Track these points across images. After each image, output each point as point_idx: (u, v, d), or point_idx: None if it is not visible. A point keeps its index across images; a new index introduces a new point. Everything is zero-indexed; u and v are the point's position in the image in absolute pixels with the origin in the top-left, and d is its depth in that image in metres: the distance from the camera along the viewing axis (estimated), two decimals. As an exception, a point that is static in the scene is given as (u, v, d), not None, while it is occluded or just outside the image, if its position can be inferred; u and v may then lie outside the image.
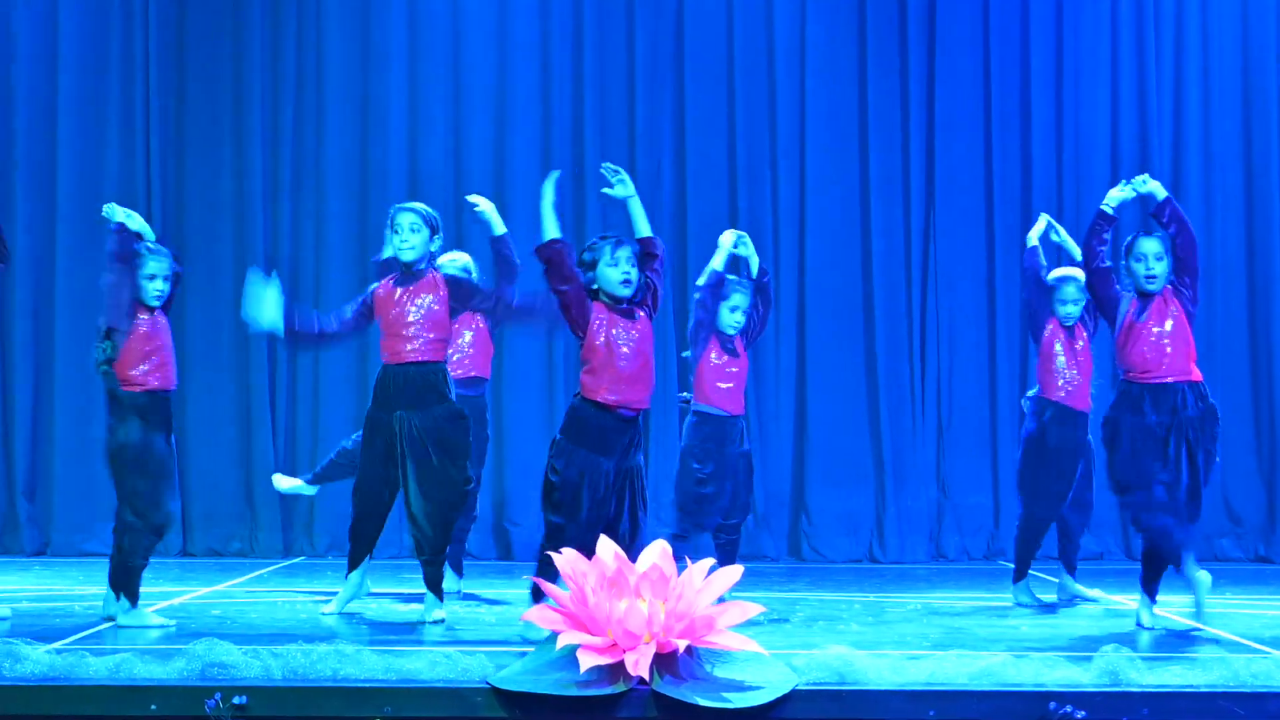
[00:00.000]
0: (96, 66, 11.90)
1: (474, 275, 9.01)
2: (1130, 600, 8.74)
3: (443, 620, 7.56)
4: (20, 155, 11.86)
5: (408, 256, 7.77)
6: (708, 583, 5.60)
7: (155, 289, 7.48)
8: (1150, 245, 7.49)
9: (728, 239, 8.46)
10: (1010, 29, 12.07)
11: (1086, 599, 8.88)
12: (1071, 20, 12.08)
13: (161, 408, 7.44)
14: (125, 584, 7.41)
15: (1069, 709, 5.41)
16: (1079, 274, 8.39)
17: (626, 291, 6.88)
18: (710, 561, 5.67)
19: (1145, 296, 7.47)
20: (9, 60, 11.90)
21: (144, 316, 7.46)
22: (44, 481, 11.73)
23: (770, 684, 5.49)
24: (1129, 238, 7.60)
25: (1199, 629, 7.43)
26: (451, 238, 11.66)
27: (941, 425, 11.91)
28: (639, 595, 5.50)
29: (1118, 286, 7.54)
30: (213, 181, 11.91)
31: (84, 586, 9.20)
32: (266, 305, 7.67)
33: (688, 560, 5.70)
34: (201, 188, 11.92)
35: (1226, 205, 12.06)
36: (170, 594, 8.92)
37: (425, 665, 5.66)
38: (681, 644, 5.47)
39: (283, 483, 9.53)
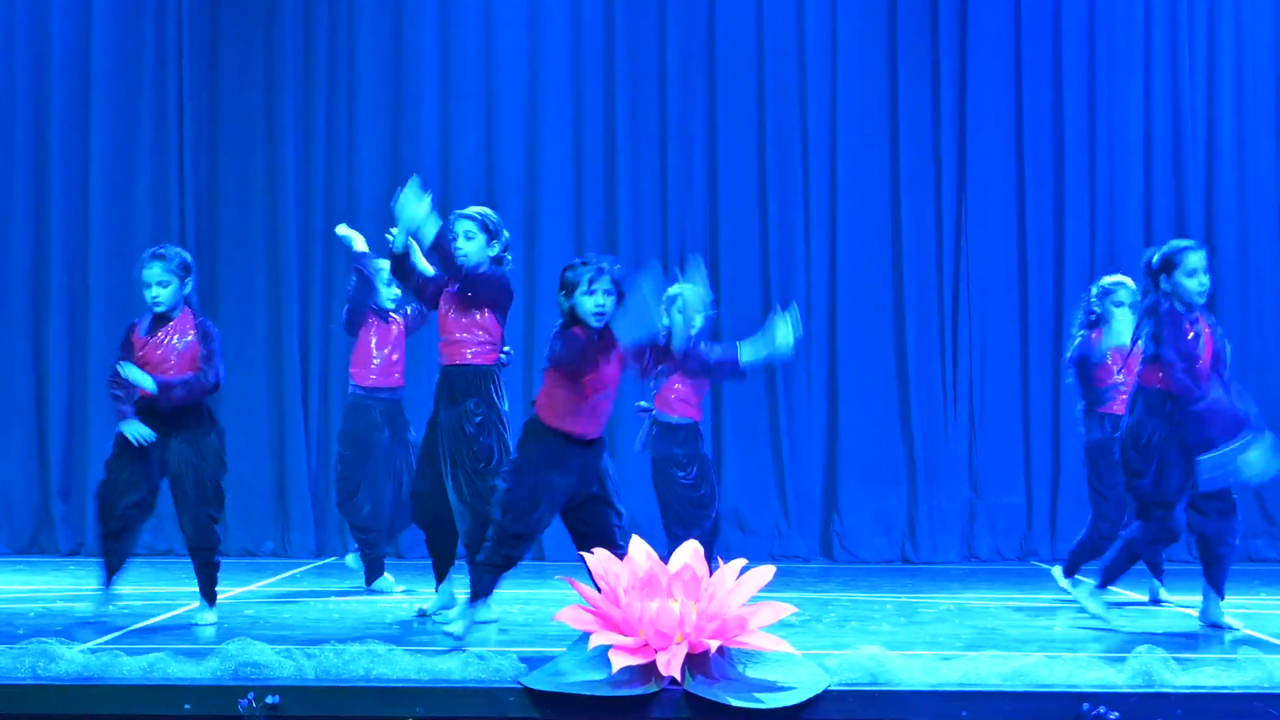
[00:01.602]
0: (130, 65, 11.94)
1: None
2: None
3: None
4: (54, 155, 11.92)
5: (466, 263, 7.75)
6: (739, 583, 5.60)
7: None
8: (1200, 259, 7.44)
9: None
10: (1042, 27, 12.03)
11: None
12: (1104, 18, 12.04)
13: None
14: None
15: (1102, 710, 5.39)
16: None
17: (597, 323, 6.71)
18: (742, 562, 5.67)
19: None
20: (44, 59, 11.95)
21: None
22: (78, 482, 11.77)
23: (802, 684, 5.49)
24: (1163, 250, 7.51)
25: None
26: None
27: (974, 424, 11.88)
28: (671, 595, 5.50)
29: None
30: (245, 180, 11.95)
31: (118, 586, 9.21)
32: (420, 206, 7.39)
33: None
34: (234, 187, 11.95)
35: (1260, 203, 12.00)
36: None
37: (457, 665, 5.67)
38: (713, 644, 5.47)
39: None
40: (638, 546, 5.72)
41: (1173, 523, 7.38)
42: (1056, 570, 9.10)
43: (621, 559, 5.75)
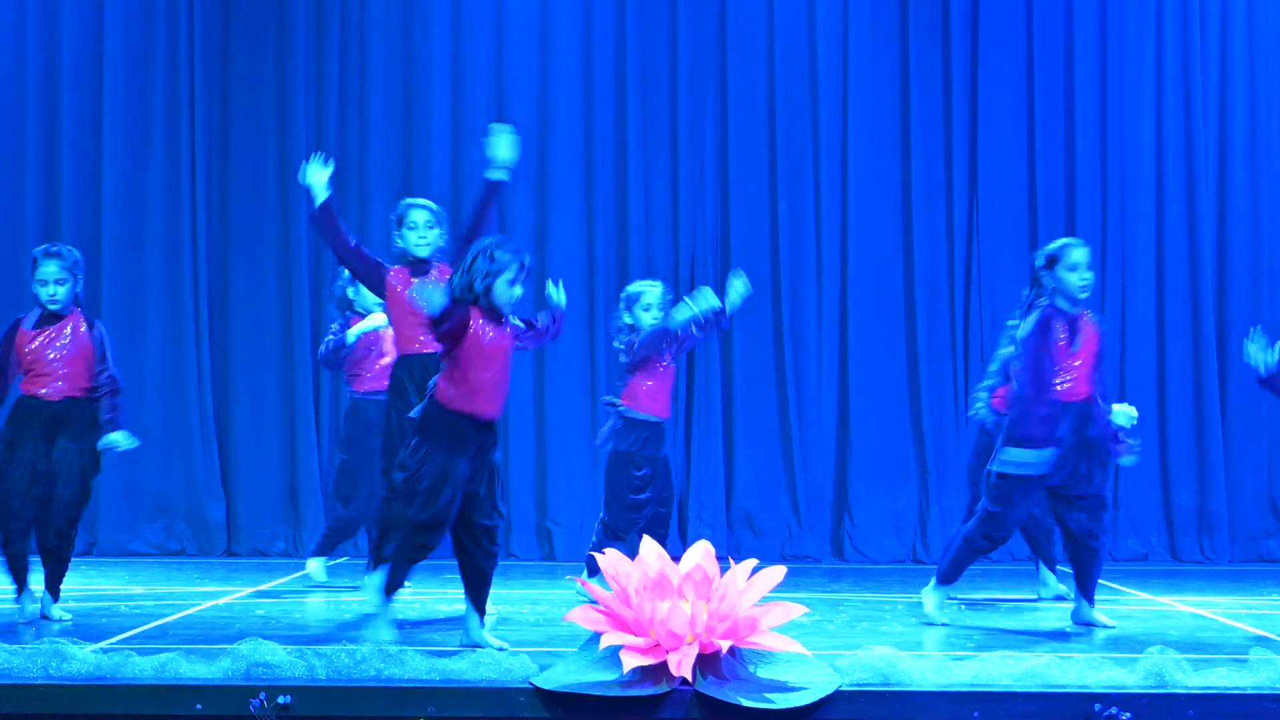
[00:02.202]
0: (142, 69, 11.94)
1: None
2: (1178, 602, 8.73)
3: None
4: (65, 161, 11.92)
5: (423, 252, 7.91)
6: (750, 583, 5.60)
7: None
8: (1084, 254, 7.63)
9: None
10: (1054, 29, 12.01)
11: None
12: (1116, 19, 12.02)
13: None
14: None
15: (1114, 711, 5.39)
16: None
17: (509, 312, 6.80)
18: (753, 562, 5.68)
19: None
20: (55, 63, 11.96)
21: None
22: (90, 482, 11.78)
23: (813, 685, 5.49)
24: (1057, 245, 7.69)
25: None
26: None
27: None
28: (682, 596, 5.50)
29: None
30: (257, 185, 11.95)
31: (131, 586, 9.24)
32: (319, 174, 7.95)
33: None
34: (246, 192, 11.95)
35: (1273, 205, 11.98)
36: (216, 594, 8.96)
37: (468, 665, 5.68)
38: (724, 645, 5.48)
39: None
40: (649, 547, 5.72)
41: (1004, 518, 7.49)
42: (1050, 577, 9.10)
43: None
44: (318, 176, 7.89)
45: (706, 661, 5.48)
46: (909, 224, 11.99)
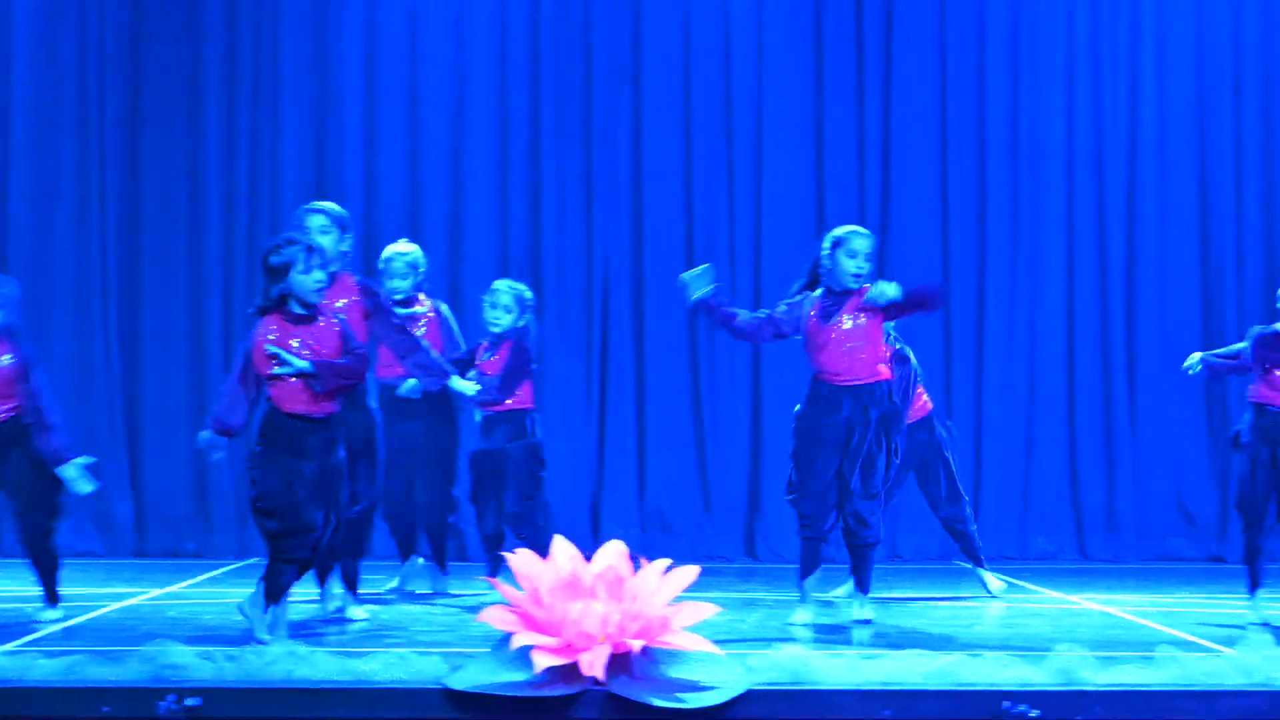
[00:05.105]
0: (51, 66, 11.79)
1: (422, 267, 9.10)
2: (1086, 600, 8.81)
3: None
4: (-28, 157, 11.80)
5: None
6: (663, 583, 5.60)
7: None
8: (866, 243, 7.72)
9: None
10: (967, 32, 12.09)
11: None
12: (1028, 26, 12.10)
13: None
14: None
15: (1023, 708, 5.43)
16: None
17: (319, 299, 6.81)
18: (666, 562, 5.68)
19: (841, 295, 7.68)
20: (-39, 58, 11.83)
21: None
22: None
23: (725, 684, 5.49)
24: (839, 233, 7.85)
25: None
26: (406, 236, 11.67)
27: (898, 425, 11.92)
28: (594, 596, 5.50)
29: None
30: (168, 183, 11.83)
31: (37, 587, 9.12)
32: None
33: None
34: (156, 190, 11.83)
35: (1182, 206, 12.10)
36: (125, 595, 8.88)
37: (380, 666, 5.65)
38: (636, 645, 5.48)
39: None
40: (561, 547, 5.71)
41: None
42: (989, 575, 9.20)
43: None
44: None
45: (618, 661, 5.47)
46: (822, 223, 11.99)
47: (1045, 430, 11.91)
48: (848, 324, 7.63)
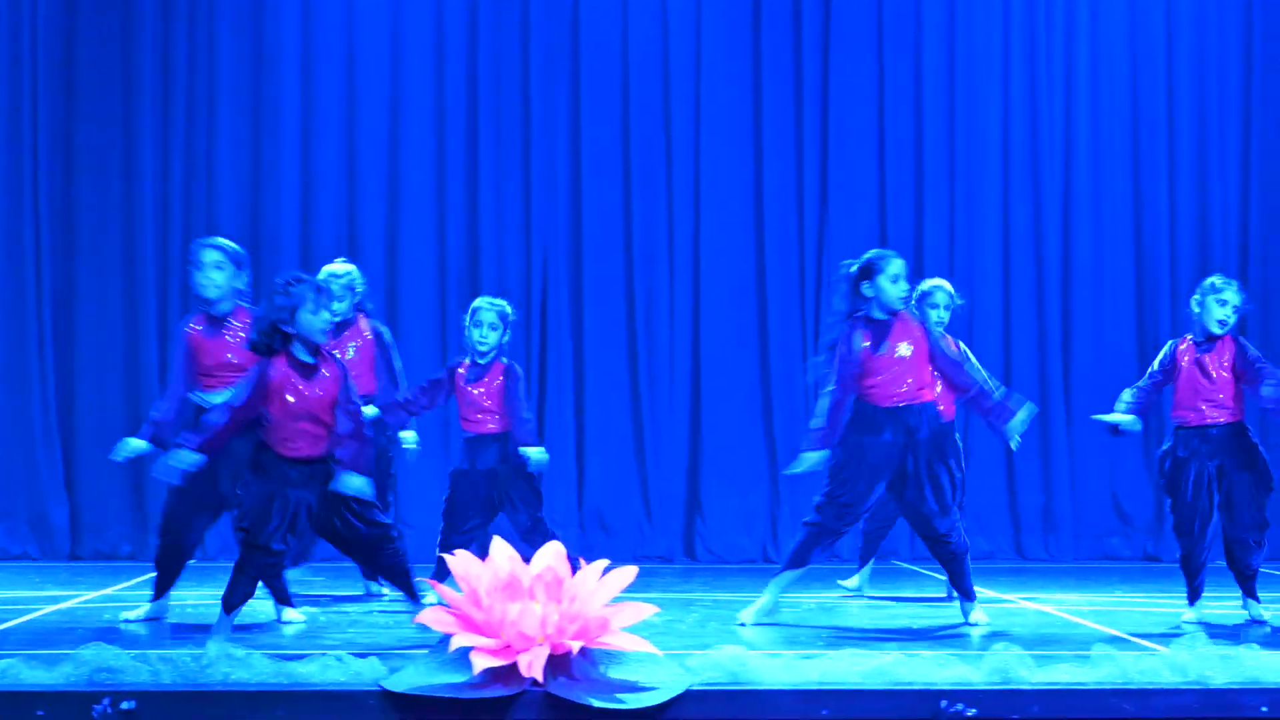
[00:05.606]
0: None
1: (359, 287, 9.06)
2: (1023, 600, 8.85)
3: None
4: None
5: (212, 294, 7.67)
6: (602, 584, 5.59)
7: None
8: (903, 266, 7.72)
9: None
10: (904, 35, 12.16)
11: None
12: (964, 28, 12.17)
13: None
14: None
15: (960, 707, 5.45)
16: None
17: (325, 340, 6.79)
18: (605, 563, 5.67)
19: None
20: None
21: None
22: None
23: (664, 684, 5.49)
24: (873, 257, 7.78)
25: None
26: (344, 242, 11.64)
27: (834, 426, 11.95)
28: (533, 597, 5.49)
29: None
30: (102, 184, 11.76)
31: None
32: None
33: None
34: (91, 190, 11.75)
35: (1116, 207, 12.20)
36: (59, 598, 8.81)
37: (317, 669, 5.61)
38: (575, 645, 5.47)
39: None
40: (499, 549, 5.70)
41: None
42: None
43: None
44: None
45: (557, 662, 5.46)
46: (760, 226, 12.07)
47: (982, 431, 11.95)
48: (905, 351, 7.58)
